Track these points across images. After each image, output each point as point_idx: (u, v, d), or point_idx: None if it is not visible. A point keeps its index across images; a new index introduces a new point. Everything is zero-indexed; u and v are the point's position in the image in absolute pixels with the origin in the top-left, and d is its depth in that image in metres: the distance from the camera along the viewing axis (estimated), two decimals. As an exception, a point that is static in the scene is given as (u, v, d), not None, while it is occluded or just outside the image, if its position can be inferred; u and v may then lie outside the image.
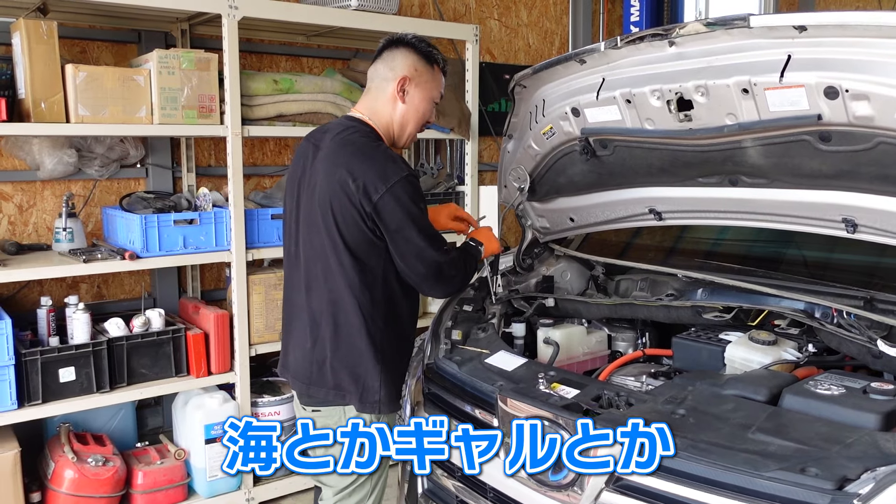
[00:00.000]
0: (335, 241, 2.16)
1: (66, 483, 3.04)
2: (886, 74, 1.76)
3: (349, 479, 2.25)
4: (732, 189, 2.34)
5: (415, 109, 2.30)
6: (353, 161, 2.14)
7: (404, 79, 2.26)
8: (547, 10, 5.37)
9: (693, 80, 2.08)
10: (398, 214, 2.11)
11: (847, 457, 1.59)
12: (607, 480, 1.80)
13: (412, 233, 2.13)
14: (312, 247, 2.23)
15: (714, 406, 1.92)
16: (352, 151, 2.17)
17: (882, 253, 2.29)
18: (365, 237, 2.14)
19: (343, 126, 2.27)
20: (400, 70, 2.26)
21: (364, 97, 2.35)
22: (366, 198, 2.09)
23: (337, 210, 2.14)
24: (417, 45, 2.29)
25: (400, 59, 2.27)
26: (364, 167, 2.12)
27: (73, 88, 3.00)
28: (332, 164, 2.17)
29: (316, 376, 2.23)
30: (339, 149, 2.19)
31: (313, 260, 2.23)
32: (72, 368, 3.08)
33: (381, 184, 2.09)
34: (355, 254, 2.15)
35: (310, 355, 2.24)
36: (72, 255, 3.21)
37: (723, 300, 2.50)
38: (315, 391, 2.24)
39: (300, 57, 4.27)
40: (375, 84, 2.31)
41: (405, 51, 2.28)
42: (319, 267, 2.21)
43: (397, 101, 2.27)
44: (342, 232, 2.14)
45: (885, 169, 1.92)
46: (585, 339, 2.67)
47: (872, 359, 2.05)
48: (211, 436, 3.37)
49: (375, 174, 2.10)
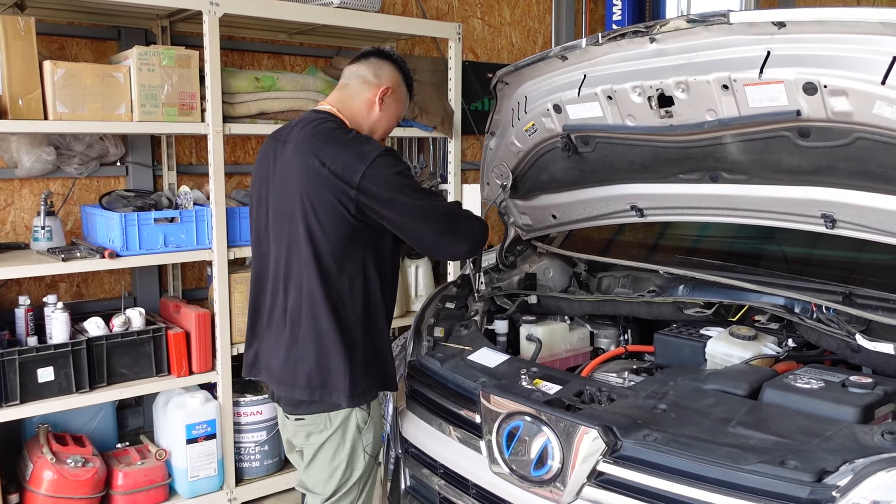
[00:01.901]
0: (312, 229, 2.10)
1: (44, 484, 3.01)
2: (864, 70, 1.77)
3: (334, 486, 2.23)
4: (713, 185, 2.35)
5: (386, 120, 2.35)
6: (325, 148, 2.11)
7: (388, 89, 2.31)
8: (530, 10, 5.38)
9: (674, 77, 2.09)
10: (386, 185, 2.07)
11: (826, 449, 1.61)
12: (589, 475, 1.80)
13: (407, 197, 2.09)
14: (285, 240, 2.18)
15: (695, 401, 1.93)
16: (324, 140, 2.14)
17: (860, 248, 2.32)
18: (346, 223, 2.08)
19: (310, 118, 2.25)
20: (386, 80, 2.31)
21: (338, 91, 2.34)
22: (346, 182, 2.05)
23: (314, 198, 2.09)
24: (402, 66, 2.38)
25: (388, 71, 2.33)
26: (338, 151, 2.09)
27: (52, 85, 2.97)
28: (303, 153, 2.13)
29: (301, 378, 2.17)
30: (309, 138, 2.16)
31: (286, 255, 2.18)
32: (50, 368, 3.04)
33: (360, 163, 2.05)
34: (333, 243, 2.10)
35: (292, 355, 2.18)
36: (50, 253, 3.17)
37: (704, 296, 2.52)
38: (300, 393, 2.18)
39: (282, 55, 4.25)
40: (353, 84, 2.31)
41: (392, 66, 2.35)
42: (294, 261, 2.16)
43: (374, 108, 2.30)
44: (320, 220, 2.09)
45: (863, 164, 1.93)
46: (568, 335, 2.68)
47: (851, 353, 2.07)
48: (192, 436, 3.35)
49: (352, 156, 2.07)
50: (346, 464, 2.21)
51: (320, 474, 2.25)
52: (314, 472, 2.27)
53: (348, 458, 2.21)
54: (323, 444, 2.21)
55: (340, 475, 2.22)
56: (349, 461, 2.22)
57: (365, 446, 2.22)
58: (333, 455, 2.22)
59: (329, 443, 2.21)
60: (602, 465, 1.79)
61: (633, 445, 1.76)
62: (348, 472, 2.23)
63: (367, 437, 2.22)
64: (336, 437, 2.19)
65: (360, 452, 2.22)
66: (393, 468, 2.52)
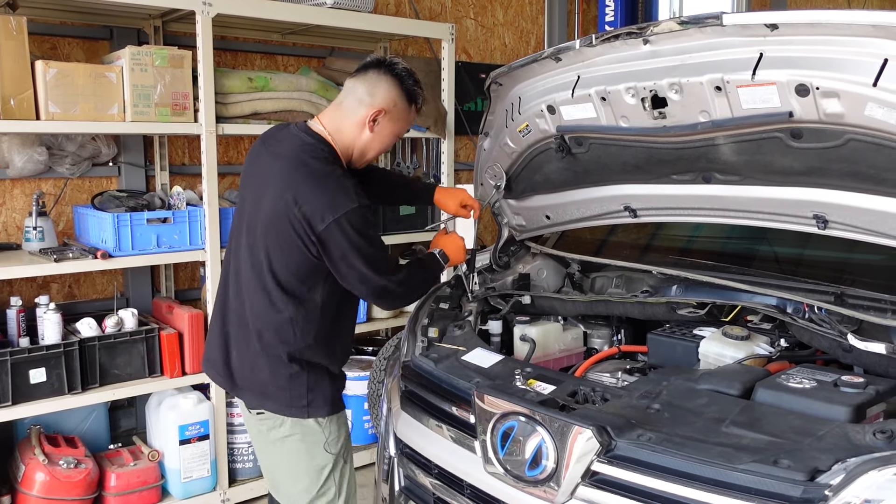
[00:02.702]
0: (272, 257, 2.14)
1: (36, 486, 3.00)
2: (856, 72, 1.78)
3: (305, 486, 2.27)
4: (706, 186, 2.36)
5: (380, 140, 2.27)
6: (302, 187, 2.08)
7: (381, 111, 2.21)
8: (523, 10, 5.39)
9: (667, 78, 2.09)
10: (343, 244, 2.07)
11: (818, 449, 1.62)
12: (583, 475, 1.80)
13: (356, 261, 2.10)
14: (249, 256, 2.21)
15: (688, 401, 1.94)
16: (304, 175, 2.10)
17: (852, 249, 2.33)
18: (305, 259, 2.11)
19: (301, 142, 2.19)
20: (380, 100, 2.21)
21: (333, 110, 2.27)
22: (310, 227, 2.06)
23: (280, 231, 2.10)
24: (405, 79, 2.24)
25: (383, 88, 2.21)
26: (313, 195, 2.07)
27: (44, 85, 2.96)
28: (282, 184, 2.11)
29: (249, 379, 2.24)
30: (292, 170, 2.13)
31: (249, 269, 2.21)
32: (42, 369, 3.04)
33: (329, 214, 2.04)
34: (291, 273, 2.14)
35: (248, 354, 2.23)
36: (42, 254, 3.16)
37: (697, 296, 2.53)
38: (250, 396, 2.26)
39: (275, 55, 4.24)
40: (349, 101, 2.24)
41: (391, 80, 2.22)
42: (254, 278, 2.19)
43: (365, 129, 2.22)
44: (282, 250, 2.12)
45: (855, 166, 1.94)
46: (561, 336, 2.69)
47: (843, 353, 2.08)
48: (185, 436, 3.35)
49: (323, 203, 2.05)
50: (309, 464, 2.25)
51: (287, 478, 2.30)
52: (280, 478, 2.33)
53: (308, 457, 2.24)
54: (281, 443, 2.25)
55: (309, 479, 2.26)
56: (310, 459, 2.25)
57: (326, 445, 2.24)
58: (293, 456, 2.25)
59: (287, 442, 2.24)
60: (596, 465, 1.79)
61: (627, 445, 1.76)
62: (315, 472, 2.26)
63: (327, 432, 2.24)
64: (294, 439, 2.24)
65: (320, 450, 2.24)
66: (387, 469, 2.52)
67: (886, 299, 2.11)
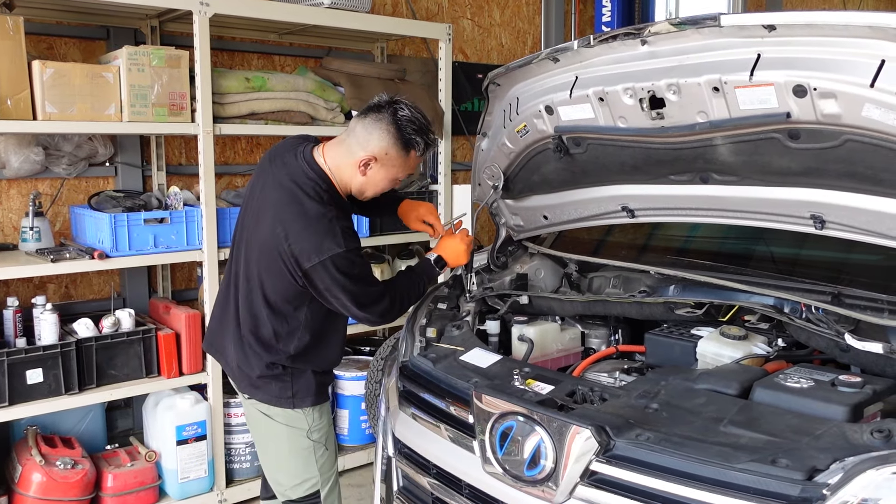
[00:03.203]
0: (262, 278, 2.26)
1: (33, 487, 2.99)
2: (853, 73, 1.79)
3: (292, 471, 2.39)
4: (703, 186, 2.36)
5: (374, 184, 2.32)
6: (294, 226, 2.16)
7: (371, 158, 2.24)
8: (519, 11, 5.40)
9: (665, 79, 2.10)
10: (327, 281, 2.17)
11: (816, 448, 1.62)
12: (582, 475, 1.81)
13: (340, 295, 2.20)
14: (243, 267, 2.34)
15: (686, 400, 1.94)
16: (297, 214, 2.17)
17: (849, 249, 2.34)
18: (292, 287, 2.23)
19: (303, 175, 2.24)
20: (372, 148, 2.23)
21: (337, 144, 2.31)
22: (297, 263, 2.16)
23: (270, 261, 2.22)
24: (404, 127, 2.22)
25: (377, 136, 2.22)
26: (302, 235, 2.15)
27: (41, 85, 2.95)
28: (276, 217, 2.20)
29: (238, 372, 2.39)
30: (287, 204, 2.20)
31: (244, 279, 2.33)
32: (39, 370, 3.03)
33: (315, 256, 2.14)
34: (279, 294, 2.25)
35: (236, 350, 2.35)
36: (39, 254, 3.15)
37: (694, 296, 2.53)
38: (241, 385, 2.42)
39: (272, 55, 4.24)
40: (350, 141, 2.28)
41: (387, 128, 2.22)
42: (246, 289, 2.32)
43: (357, 174, 2.27)
44: (272, 276, 2.24)
45: (852, 166, 1.95)
46: (559, 336, 2.69)
47: (840, 352, 2.09)
48: (182, 437, 3.34)
49: (311, 245, 2.14)
50: (293, 448, 2.38)
51: (274, 459, 2.45)
52: (268, 459, 2.48)
53: (293, 441, 2.37)
54: (269, 426, 2.39)
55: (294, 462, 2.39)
56: (295, 444, 2.38)
57: (308, 432, 2.37)
58: (282, 439, 2.39)
59: (274, 426, 2.38)
60: (595, 465, 1.79)
61: (625, 445, 1.77)
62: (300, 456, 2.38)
63: (310, 419, 2.38)
64: (280, 424, 2.38)
65: (304, 437, 2.37)
66: (385, 469, 2.52)
67: (883, 299, 2.11)
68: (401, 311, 2.42)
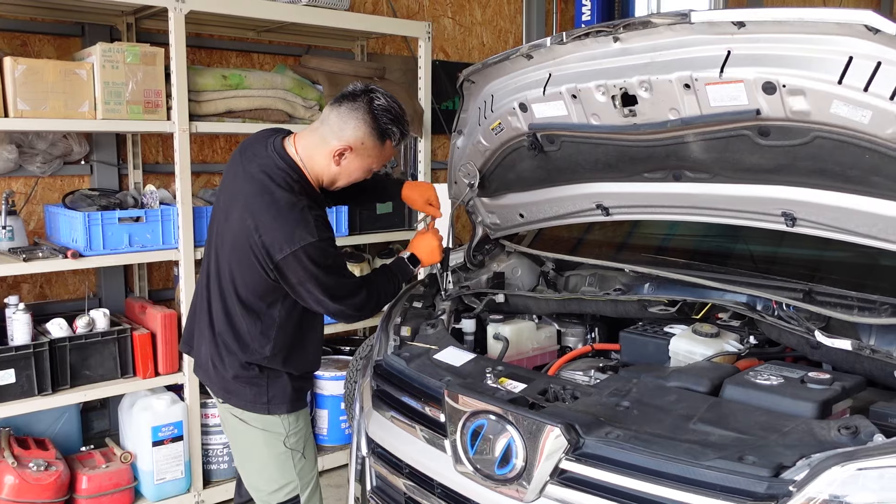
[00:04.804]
0: (234, 273, 2.22)
1: (5, 489, 2.96)
2: (822, 70, 1.79)
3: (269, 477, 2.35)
4: (676, 184, 2.36)
5: (347, 174, 2.28)
6: (264, 216, 2.11)
7: (347, 148, 2.20)
8: (501, 9, 5.39)
9: (637, 76, 2.10)
10: (300, 273, 2.12)
11: (784, 445, 1.63)
12: (552, 473, 1.80)
13: (313, 289, 2.14)
14: (217, 264, 2.30)
15: (657, 398, 1.94)
16: (267, 204, 2.12)
17: (822, 246, 2.35)
18: (263, 280, 2.18)
19: (273, 165, 2.20)
20: (347, 138, 2.19)
21: (310, 134, 2.26)
22: (268, 256, 2.11)
23: (241, 254, 2.18)
24: (379, 117, 2.18)
25: (353, 126, 2.18)
26: (273, 226, 2.10)
27: (12, 82, 2.91)
28: (246, 208, 2.16)
29: (213, 373, 2.33)
30: (257, 195, 2.15)
31: (216, 276, 2.30)
32: (12, 371, 2.99)
33: (287, 246, 2.08)
34: (250, 290, 2.21)
35: (210, 350, 2.31)
36: (11, 253, 3.12)
37: (668, 294, 2.53)
38: (214, 388, 2.38)
39: (250, 52, 4.21)
40: (323, 130, 2.23)
41: (363, 118, 2.17)
42: (218, 286, 2.29)
43: (331, 164, 2.23)
44: (242, 270, 2.20)
45: (822, 163, 1.95)
46: (535, 334, 2.68)
47: (811, 349, 2.09)
48: (158, 438, 3.32)
49: (282, 235, 2.09)
50: (270, 454, 2.34)
51: (251, 465, 2.40)
52: (245, 465, 2.43)
53: (270, 447, 2.33)
54: (246, 431, 2.34)
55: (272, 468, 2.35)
56: (272, 450, 2.33)
57: (285, 439, 2.33)
58: (259, 445, 2.35)
59: (251, 431, 2.33)
60: (564, 463, 1.79)
61: (595, 443, 1.77)
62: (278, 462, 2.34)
63: (287, 426, 2.33)
64: (257, 430, 2.33)
65: (280, 443, 2.32)
66: (360, 469, 2.50)
67: (853, 296, 2.13)
68: (377, 306, 2.38)
